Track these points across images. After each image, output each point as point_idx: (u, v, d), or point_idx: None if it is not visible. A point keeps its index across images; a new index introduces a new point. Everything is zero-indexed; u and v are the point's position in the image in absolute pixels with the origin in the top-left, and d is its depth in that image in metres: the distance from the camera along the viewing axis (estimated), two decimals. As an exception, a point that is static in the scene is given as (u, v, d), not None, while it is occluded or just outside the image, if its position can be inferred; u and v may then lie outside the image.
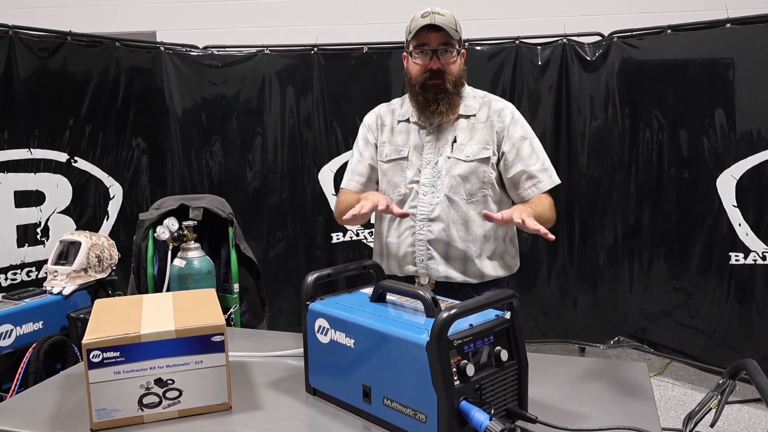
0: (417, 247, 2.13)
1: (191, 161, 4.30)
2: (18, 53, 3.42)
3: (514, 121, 2.12)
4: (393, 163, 2.18)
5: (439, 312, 1.28)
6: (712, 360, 3.73)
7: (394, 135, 2.21)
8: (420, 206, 2.12)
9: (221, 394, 1.52)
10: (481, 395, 1.31)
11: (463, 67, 2.14)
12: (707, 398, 1.52)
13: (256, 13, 5.47)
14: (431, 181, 2.11)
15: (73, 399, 1.61)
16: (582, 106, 4.06)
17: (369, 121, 2.30)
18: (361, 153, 2.29)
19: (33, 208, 3.53)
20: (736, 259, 3.57)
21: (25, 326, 2.68)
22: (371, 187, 2.28)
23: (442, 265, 2.12)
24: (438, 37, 2.05)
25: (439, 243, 2.11)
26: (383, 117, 2.27)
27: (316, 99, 4.26)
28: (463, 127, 2.13)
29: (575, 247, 4.18)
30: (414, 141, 2.16)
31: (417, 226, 2.12)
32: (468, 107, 2.14)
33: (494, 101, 2.17)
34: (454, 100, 2.09)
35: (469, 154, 2.09)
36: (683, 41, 3.69)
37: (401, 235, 2.16)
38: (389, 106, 2.30)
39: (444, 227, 2.09)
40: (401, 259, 2.16)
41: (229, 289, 2.88)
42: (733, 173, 3.52)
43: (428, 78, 2.08)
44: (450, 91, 2.08)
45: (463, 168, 2.09)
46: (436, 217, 2.10)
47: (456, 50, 2.08)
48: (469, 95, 2.17)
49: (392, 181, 2.18)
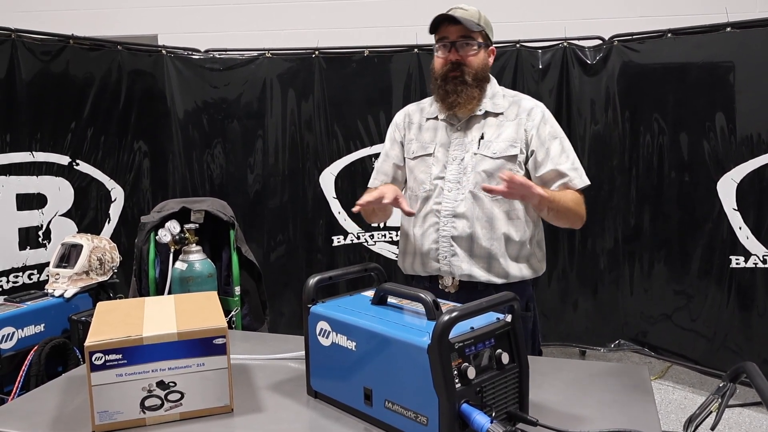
0: (441, 244, 2.13)
1: (192, 164, 4.31)
2: (20, 56, 3.43)
3: (544, 120, 2.13)
4: (419, 160, 2.20)
5: (440, 315, 1.28)
6: (713, 363, 3.73)
7: (422, 132, 2.22)
8: (444, 202, 2.12)
9: (223, 396, 1.52)
10: (482, 398, 1.32)
11: (486, 62, 2.14)
12: (708, 401, 1.52)
13: (258, 17, 5.48)
14: (457, 177, 2.11)
15: (75, 401, 1.62)
16: (582, 109, 4.07)
17: (398, 120, 2.32)
18: (387, 152, 2.32)
19: (35, 211, 3.54)
20: (737, 262, 3.57)
21: (27, 329, 2.69)
22: (398, 185, 2.29)
23: (466, 263, 2.11)
24: (457, 30, 2.07)
25: (463, 240, 2.10)
26: (411, 115, 2.29)
27: (317, 102, 4.27)
28: (491, 125, 2.13)
29: (576, 250, 4.18)
30: (441, 138, 2.17)
31: (441, 222, 2.12)
32: (497, 105, 2.15)
33: (524, 100, 2.18)
34: (472, 93, 2.09)
35: (496, 150, 2.09)
36: (683, 45, 3.70)
37: (425, 231, 2.16)
38: (419, 105, 2.31)
39: (468, 224, 2.09)
40: (425, 255, 2.17)
41: (231, 291, 2.88)
42: (733, 177, 3.53)
43: (449, 70, 2.10)
44: (469, 83, 2.08)
45: (489, 164, 2.09)
46: (460, 214, 2.10)
47: (478, 44, 2.09)
48: (498, 93, 2.18)
49: (418, 178, 2.19)
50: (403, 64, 4.19)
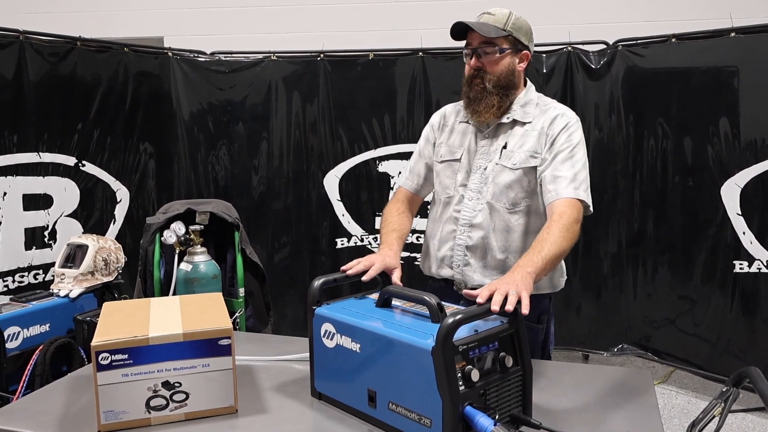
0: (455, 252, 2.11)
1: (198, 166, 4.33)
2: (28, 58, 3.45)
3: (565, 128, 2.02)
4: (446, 164, 2.17)
5: (445, 317, 1.29)
6: (716, 368, 3.72)
7: (453, 136, 2.19)
8: (463, 211, 2.10)
9: (228, 397, 1.53)
10: (486, 400, 1.32)
11: (512, 68, 2.07)
12: (711, 406, 1.52)
13: (263, 20, 5.50)
14: (478, 187, 2.08)
15: (81, 401, 1.63)
16: (586, 113, 4.06)
17: (434, 121, 2.30)
18: (420, 151, 2.30)
19: (41, 212, 3.55)
20: (741, 267, 3.57)
21: (32, 328, 2.70)
22: (427, 187, 2.29)
23: (478, 273, 2.08)
24: (479, 36, 2.03)
25: (478, 250, 2.08)
26: (447, 117, 2.26)
27: (322, 105, 4.28)
28: (517, 134, 2.07)
29: (579, 254, 4.18)
30: (469, 144, 2.13)
31: (458, 231, 2.10)
32: (527, 114, 2.08)
33: (552, 109, 2.09)
34: (492, 101, 2.04)
35: (516, 162, 2.03)
36: (688, 50, 3.70)
37: (443, 237, 2.15)
38: (455, 106, 2.26)
39: (484, 235, 2.06)
40: (439, 261, 2.16)
41: (235, 293, 2.89)
42: (737, 181, 3.53)
43: (472, 77, 2.08)
44: (489, 91, 2.04)
45: (507, 176, 2.04)
46: (477, 224, 2.07)
47: (500, 50, 2.03)
48: (532, 101, 2.12)
49: (443, 183, 2.17)
50: (408, 67, 4.20)
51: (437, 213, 2.20)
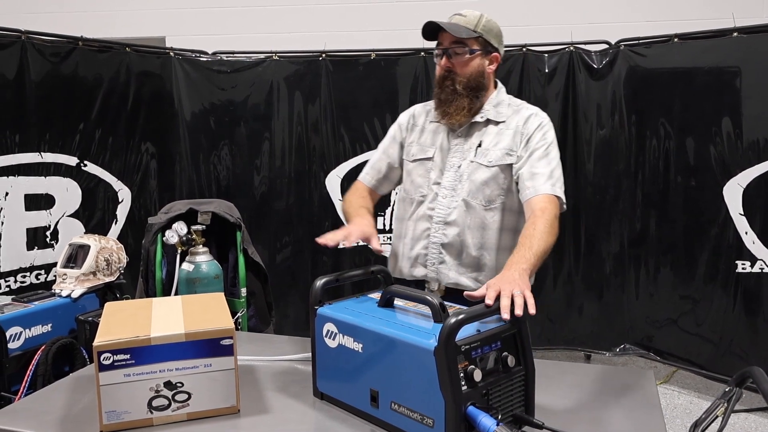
0: (430, 250, 2.11)
1: (199, 166, 4.33)
2: (30, 58, 3.46)
3: (539, 127, 2.07)
4: (418, 163, 2.18)
5: (447, 317, 1.29)
6: (719, 368, 3.72)
7: (424, 134, 2.20)
8: (438, 209, 2.10)
9: (230, 397, 1.53)
10: (488, 400, 1.32)
11: (482, 70, 2.08)
12: (714, 406, 1.52)
13: (265, 19, 5.50)
14: (452, 185, 2.10)
15: (83, 401, 1.63)
16: (588, 113, 4.07)
17: (402, 120, 2.30)
18: (385, 150, 2.30)
19: (43, 212, 3.55)
20: (743, 267, 3.56)
21: (34, 329, 2.70)
22: (386, 185, 2.30)
23: (453, 271, 2.09)
24: (450, 36, 2.05)
25: (453, 248, 2.09)
26: (417, 117, 2.27)
27: (323, 105, 4.28)
28: (491, 133, 2.10)
29: (581, 254, 4.18)
30: (441, 142, 2.15)
31: (432, 229, 2.11)
32: (500, 113, 2.11)
33: (525, 109, 2.13)
34: (462, 103, 2.06)
35: (492, 159, 2.06)
36: (690, 50, 3.70)
37: (416, 235, 2.15)
38: (425, 106, 2.28)
39: (459, 232, 2.07)
40: (413, 260, 2.15)
41: (237, 293, 2.89)
42: (739, 181, 3.53)
43: (443, 78, 2.09)
44: (459, 92, 2.06)
45: (483, 173, 2.06)
46: (452, 222, 2.08)
47: (471, 51, 2.05)
48: (504, 102, 2.14)
49: (415, 181, 2.17)
50: (410, 67, 4.20)
51: (407, 212, 2.20)
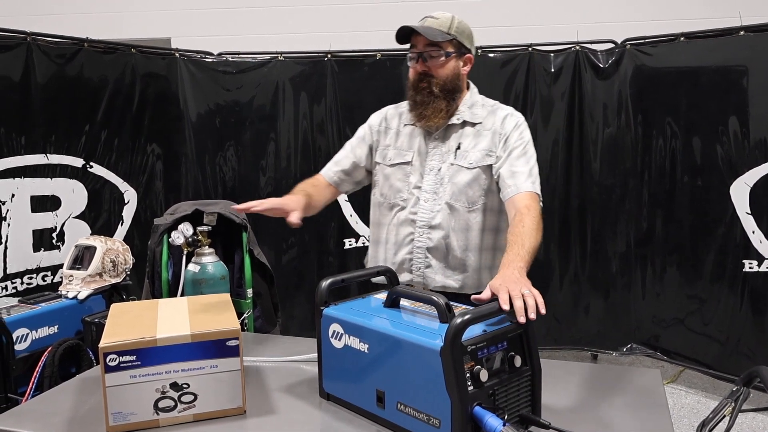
0: (415, 255, 2.10)
1: (205, 167, 4.33)
2: (35, 59, 3.46)
3: (516, 127, 2.07)
4: (396, 167, 2.16)
5: (453, 317, 1.28)
6: (726, 368, 3.71)
7: (399, 138, 2.19)
8: (420, 213, 2.09)
9: (236, 398, 1.53)
10: (495, 401, 1.32)
11: (457, 72, 2.09)
12: (721, 405, 1.51)
13: (270, 20, 5.50)
14: (433, 188, 2.09)
15: (89, 402, 1.63)
16: (595, 113, 4.06)
17: (372, 122, 2.29)
18: (352, 149, 2.28)
19: (49, 213, 3.56)
20: (750, 266, 3.55)
21: (41, 330, 2.71)
22: (348, 183, 2.28)
23: (440, 275, 2.09)
24: (424, 39, 2.04)
25: (438, 251, 2.08)
26: (389, 119, 2.25)
27: (329, 105, 4.28)
28: (469, 134, 2.10)
29: (587, 253, 4.17)
30: (419, 146, 2.14)
31: (416, 233, 2.10)
32: (475, 114, 2.11)
33: (501, 109, 2.13)
34: (440, 105, 2.05)
35: (473, 161, 2.06)
36: (696, 49, 3.69)
37: (399, 241, 2.13)
38: (397, 109, 2.26)
39: (444, 235, 2.07)
40: (398, 265, 2.14)
41: (243, 294, 2.89)
42: (746, 180, 3.51)
43: (418, 81, 2.07)
44: (436, 95, 2.05)
45: (465, 176, 2.06)
46: (436, 225, 2.07)
47: (446, 53, 2.05)
48: (477, 103, 2.14)
49: (394, 186, 2.15)
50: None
51: (386, 217, 2.18)
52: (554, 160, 4.11)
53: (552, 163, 4.11)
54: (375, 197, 2.25)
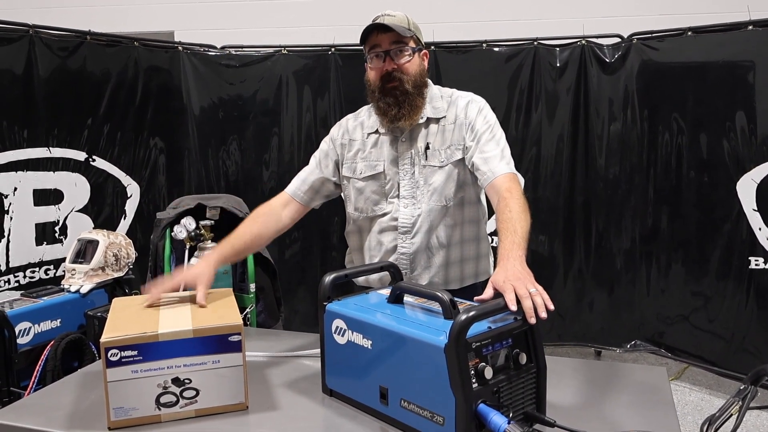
0: (399, 261, 2.07)
1: (208, 161, 4.32)
2: (38, 52, 3.45)
3: (479, 112, 2.03)
4: (369, 180, 2.10)
5: (458, 314, 1.27)
6: (731, 365, 3.69)
7: (366, 150, 2.12)
8: (401, 218, 2.06)
9: (238, 393, 1.52)
10: (499, 398, 1.30)
11: (422, 67, 2.06)
12: (728, 404, 1.50)
13: (274, 13, 5.48)
14: (410, 193, 2.06)
15: (91, 397, 1.62)
16: (600, 108, 4.03)
17: (334, 135, 2.22)
18: (318, 164, 2.21)
19: (51, 207, 3.55)
20: (756, 263, 3.53)
21: (43, 324, 2.71)
22: (317, 199, 2.22)
23: (425, 277, 2.09)
24: (388, 37, 2.01)
25: (422, 254, 2.07)
26: (351, 132, 2.18)
27: (332, 99, 4.27)
28: (435, 132, 2.06)
29: (592, 249, 4.16)
30: (388, 153, 2.08)
31: (399, 240, 2.07)
32: (437, 109, 2.07)
33: (460, 98, 2.08)
34: (416, 102, 2.02)
35: (444, 159, 2.03)
36: (704, 43, 3.66)
37: (382, 248, 2.11)
38: (357, 119, 2.22)
39: (426, 237, 2.05)
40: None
41: (246, 288, 2.88)
42: (753, 177, 3.49)
43: (386, 81, 2.03)
44: (411, 92, 2.01)
45: (439, 175, 2.03)
46: (418, 228, 2.05)
47: (411, 49, 2.02)
48: (436, 96, 2.10)
49: (371, 198, 2.11)
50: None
51: (365, 226, 2.15)
52: (559, 156, 4.09)
53: (557, 159, 4.09)
54: (349, 211, 2.19)
